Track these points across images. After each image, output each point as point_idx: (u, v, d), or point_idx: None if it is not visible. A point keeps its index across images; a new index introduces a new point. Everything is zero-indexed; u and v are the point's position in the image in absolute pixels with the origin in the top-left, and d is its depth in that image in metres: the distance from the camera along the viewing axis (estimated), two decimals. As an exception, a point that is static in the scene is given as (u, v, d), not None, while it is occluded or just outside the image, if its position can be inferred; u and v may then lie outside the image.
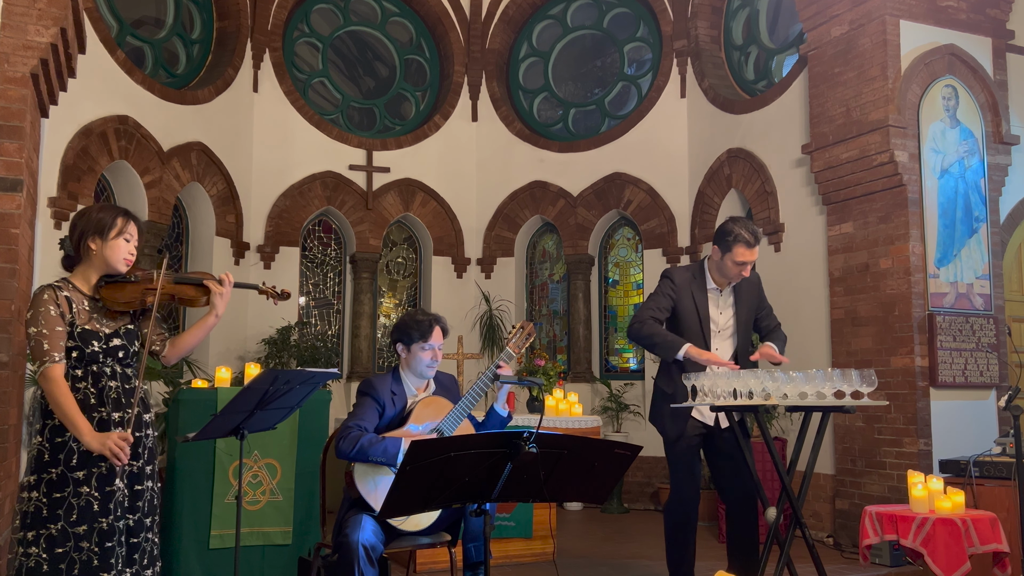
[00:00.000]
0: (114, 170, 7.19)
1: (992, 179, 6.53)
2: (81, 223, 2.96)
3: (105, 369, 2.93)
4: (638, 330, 4.38)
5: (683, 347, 4.23)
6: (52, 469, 2.81)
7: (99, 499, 2.83)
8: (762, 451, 5.99)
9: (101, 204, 3.08)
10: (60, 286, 2.93)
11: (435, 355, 3.86)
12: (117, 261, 2.97)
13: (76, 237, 2.96)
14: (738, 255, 4.30)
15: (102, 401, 2.89)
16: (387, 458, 3.57)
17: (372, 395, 3.79)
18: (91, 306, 2.97)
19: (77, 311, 2.91)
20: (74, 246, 2.98)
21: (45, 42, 4.34)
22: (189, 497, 4.61)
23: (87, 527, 2.80)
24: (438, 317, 3.92)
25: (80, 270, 2.99)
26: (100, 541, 2.81)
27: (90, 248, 2.95)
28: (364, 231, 9.07)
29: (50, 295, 2.87)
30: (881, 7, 6.26)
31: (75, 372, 2.89)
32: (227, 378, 5.10)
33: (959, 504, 4.70)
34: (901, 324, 6.16)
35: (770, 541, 4.06)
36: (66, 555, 2.77)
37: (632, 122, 9.07)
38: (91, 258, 2.96)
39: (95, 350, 2.91)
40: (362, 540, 3.40)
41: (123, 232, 2.97)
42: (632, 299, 9.25)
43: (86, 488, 2.82)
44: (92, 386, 2.90)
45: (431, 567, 5.30)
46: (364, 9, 9.69)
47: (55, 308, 2.86)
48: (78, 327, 2.89)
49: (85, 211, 3.02)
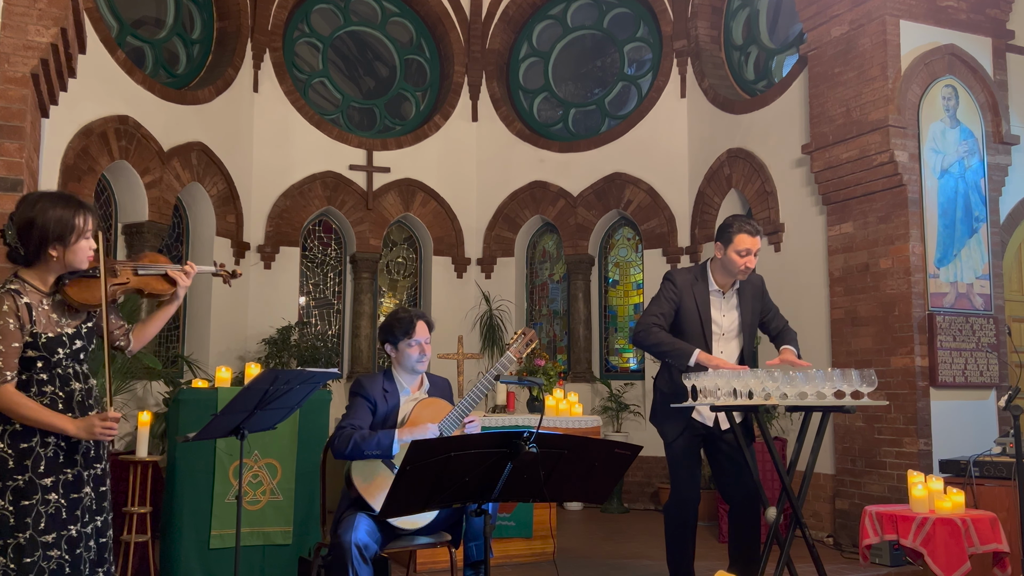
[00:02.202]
0: (114, 170, 7.19)
1: (992, 179, 6.53)
2: (37, 229, 2.73)
3: (70, 370, 2.81)
4: (644, 338, 4.36)
5: (694, 354, 4.22)
6: (18, 476, 2.68)
7: (66, 506, 2.73)
8: (762, 451, 5.99)
9: (52, 197, 2.80)
10: (18, 290, 2.74)
11: (423, 349, 3.89)
12: (81, 263, 2.80)
13: (34, 244, 2.74)
14: (741, 243, 4.30)
15: (70, 404, 2.79)
16: (381, 450, 3.61)
17: (363, 394, 3.83)
18: (51, 305, 2.81)
19: (37, 316, 2.74)
20: (29, 250, 2.76)
21: (45, 42, 4.34)
22: (189, 497, 4.62)
23: (55, 535, 2.70)
24: (420, 312, 3.97)
25: (35, 271, 2.80)
26: (69, 548, 2.73)
27: (51, 255, 2.76)
28: (364, 231, 9.07)
29: (10, 306, 2.68)
30: (881, 7, 6.26)
31: (40, 376, 2.75)
32: (227, 378, 5.10)
33: (959, 504, 4.70)
34: (901, 324, 6.16)
35: (770, 541, 4.07)
36: (34, 564, 2.66)
37: (632, 122, 9.07)
38: (50, 263, 2.78)
39: (60, 357, 2.78)
40: (355, 540, 3.42)
41: (83, 233, 2.78)
42: (632, 299, 9.25)
43: (54, 495, 2.71)
44: (60, 389, 2.78)
45: (431, 567, 5.30)
46: (364, 9, 9.69)
47: (14, 321, 2.68)
48: (42, 336, 2.73)
49: (35, 208, 2.76)
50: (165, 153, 7.50)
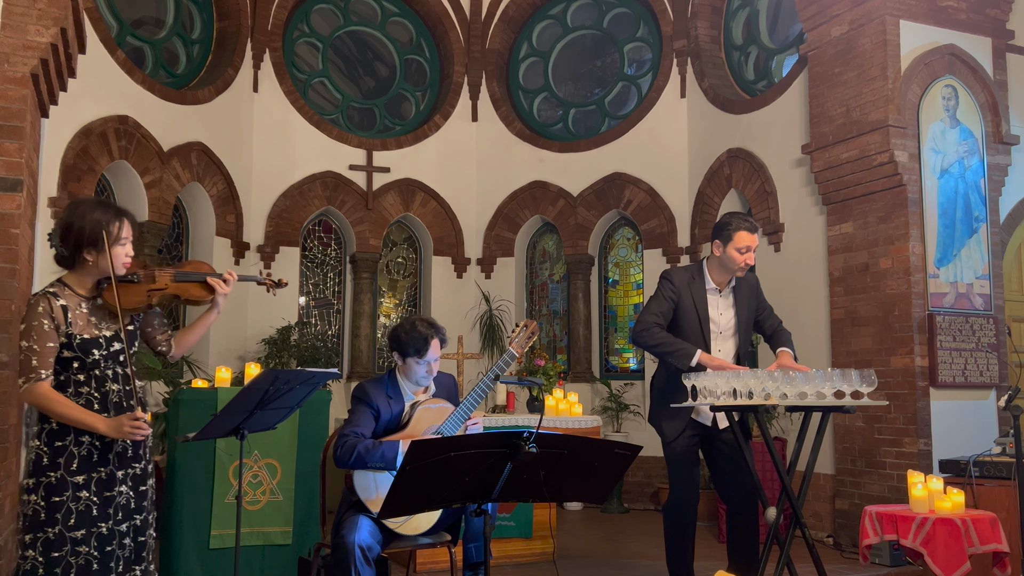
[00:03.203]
0: (114, 170, 7.19)
1: (992, 179, 6.53)
2: (74, 233, 2.83)
3: (107, 372, 2.89)
4: (646, 338, 4.35)
5: (696, 354, 4.22)
6: (51, 473, 2.78)
7: (98, 504, 2.82)
8: (762, 451, 5.99)
9: (92, 203, 2.90)
10: (56, 292, 2.84)
11: (431, 369, 3.78)
12: (117, 268, 2.88)
13: (71, 247, 2.85)
14: (740, 240, 4.31)
15: (105, 405, 2.87)
16: (385, 463, 3.54)
17: (366, 400, 3.74)
18: (90, 308, 2.89)
19: (74, 319, 2.83)
20: (68, 254, 2.88)
21: (45, 42, 4.34)
22: (189, 497, 4.62)
23: (85, 531, 2.79)
24: (437, 329, 3.79)
25: (75, 275, 2.90)
26: (99, 545, 2.81)
27: (86, 259, 2.86)
28: (364, 231, 9.07)
29: (44, 307, 2.78)
30: (881, 7, 6.26)
31: (77, 377, 2.84)
32: (227, 378, 5.10)
33: (959, 504, 4.70)
34: (901, 324, 6.16)
35: (770, 541, 4.06)
36: (62, 559, 2.75)
37: (632, 122, 9.07)
38: (87, 267, 2.88)
39: (96, 358, 2.86)
40: (358, 541, 3.40)
41: (119, 239, 2.87)
42: (632, 299, 9.25)
43: (85, 493, 2.80)
44: (96, 390, 2.86)
45: (431, 567, 5.30)
46: (364, 9, 9.69)
47: (49, 322, 2.77)
48: (77, 338, 2.82)
49: (75, 213, 2.87)
50: (165, 153, 7.50)
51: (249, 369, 5.40)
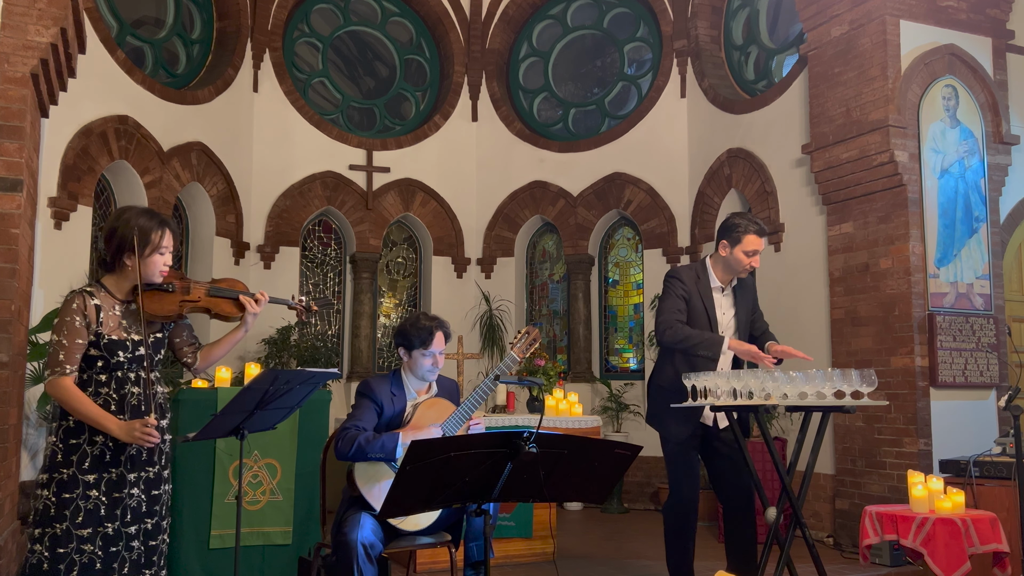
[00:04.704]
0: (114, 170, 7.19)
1: (992, 179, 6.53)
2: (116, 238, 2.93)
3: (130, 375, 2.95)
4: (672, 335, 4.31)
5: (725, 340, 4.23)
6: (64, 470, 2.84)
7: (106, 504, 2.87)
8: (762, 451, 5.99)
9: (138, 211, 2.99)
10: (92, 292, 2.93)
11: (436, 361, 3.85)
12: (153, 276, 2.98)
13: (112, 252, 2.95)
14: (749, 244, 4.31)
15: (122, 408, 2.92)
16: (385, 453, 3.59)
17: (370, 396, 3.80)
18: (123, 311, 2.97)
19: (105, 319, 2.91)
20: (109, 258, 2.97)
21: (45, 42, 4.34)
22: (189, 497, 4.61)
23: (91, 530, 2.83)
24: (440, 322, 3.88)
25: (114, 278, 2.99)
26: (104, 546, 2.85)
27: (126, 264, 2.95)
28: (364, 231, 9.07)
29: (79, 304, 2.88)
30: (881, 7, 6.26)
31: (99, 377, 2.91)
32: (227, 378, 5.10)
33: (959, 504, 4.70)
34: (901, 324, 6.16)
35: (770, 541, 4.06)
36: (67, 555, 2.79)
37: (632, 122, 9.07)
38: (126, 271, 2.96)
39: (120, 360, 2.92)
40: (361, 539, 3.40)
41: (158, 248, 2.96)
42: (632, 299, 9.25)
43: (95, 492, 2.85)
44: (115, 392, 2.92)
45: (431, 567, 5.30)
46: (364, 9, 9.69)
47: (80, 319, 2.86)
48: (105, 337, 2.89)
49: (121, 219, 2.96)
50: (165, 153, 7.50)
51: (249, 369, 5.41)
